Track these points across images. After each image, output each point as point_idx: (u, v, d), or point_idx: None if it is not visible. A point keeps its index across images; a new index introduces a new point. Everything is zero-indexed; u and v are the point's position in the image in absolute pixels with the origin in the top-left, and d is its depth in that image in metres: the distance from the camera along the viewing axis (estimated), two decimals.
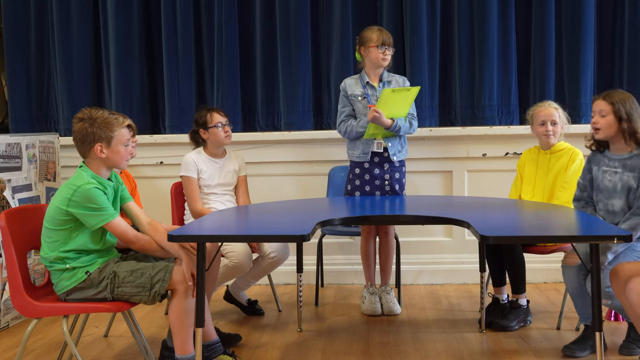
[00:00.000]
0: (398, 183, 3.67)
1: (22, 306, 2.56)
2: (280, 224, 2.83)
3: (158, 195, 4.35)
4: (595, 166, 2.98)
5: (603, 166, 2.93)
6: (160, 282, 2.55)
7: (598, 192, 2.96)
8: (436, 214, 2.86)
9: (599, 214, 2.96)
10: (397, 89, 3.48)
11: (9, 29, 4.72)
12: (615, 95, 2.85)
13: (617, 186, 2.86)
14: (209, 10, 4.56)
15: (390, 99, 3.41)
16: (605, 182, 2.91)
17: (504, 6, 4.39)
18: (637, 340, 2.95)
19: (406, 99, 3.49)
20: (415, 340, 3.26)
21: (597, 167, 2.96)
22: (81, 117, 2.63)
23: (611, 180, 2.89)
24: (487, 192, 4.19)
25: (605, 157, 2.94)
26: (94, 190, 2.55)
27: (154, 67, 4.70)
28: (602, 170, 2.94)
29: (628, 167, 2.85)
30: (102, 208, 2.57)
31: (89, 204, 2.54)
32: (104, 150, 2.62)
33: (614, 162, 2.90)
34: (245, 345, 3.23)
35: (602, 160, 2.95)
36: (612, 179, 2.88)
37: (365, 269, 3.81)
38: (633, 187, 2.82)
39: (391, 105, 3.44)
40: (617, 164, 2.88)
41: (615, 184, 2.87)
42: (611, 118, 2.82)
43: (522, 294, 3.41)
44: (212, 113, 3.57)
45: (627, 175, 2.84)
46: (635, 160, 2.84)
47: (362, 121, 3.58)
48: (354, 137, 3.63)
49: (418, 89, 3.49)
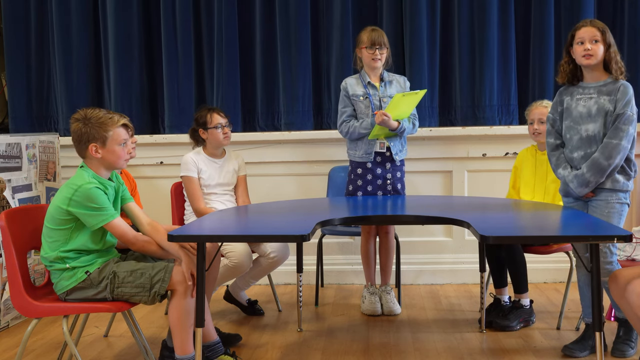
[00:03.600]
0: (400, 182, 3.68)
1: (22, 306, 2.56)
2: (280, 224, 2.83)
3: (158, 195, 4.35)
4: (567, 97, 2.95)
5: (577, 95, 2.90)
6: (160, 282, 2.55)
7: (570, 121, 2.91)
8: (436, 214, 2.85)
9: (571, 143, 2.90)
10: (407, 93, 3.50)
11: (9, 29, 4.72)
12: (599, 22, 2.85)
13: (591, 110, 2.83)
14: (209, 10, 4.56)
15: (399, 103, 3.43)
16: (579, 108, 2.87)
17: (503, 6, 4.39)
18: (628, 340, 2.93)
19: (412, 102, 3.52)
20: (415, 340, 3.27)
21: (571, 97, 2.93)
22: (77, 117, 2.63)
23: (585, 106, 2.85)
24: (487, 192, 4.19)
25: (579, 87, 2.91)
26: (94, 190, 2.55)
27: (154, 67, 4.70)
28: (575, 98, 2.91)
29: (604, 92, 2.83)
30: (102, 208, 2.57)
31: (89, 203, 2.54)
32: (99, 151, 2.61)
33: (588, 89, 2.87)
34: (245, 345, 3.23)
35: (576, 90, 2.92)
36: (587, 104, 2.85)
37: (366, 269, 3.81)
38: (610, 110, 2.80)
39: (399, 108, 3.47)
40: (592, 90, 2.85)
41: (590, 108, 2.84)
42: (601, 45, 2.81)
43: (524, 293, 3.41)
44: (212, 114, 3.57)
45: (602, 99, 2.82)
46: (610, 86, 2.83)
47: (365, 122, 3.58)
48: (356, 138, 3.63)
49: (424, 91, 3.52)
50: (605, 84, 2.85)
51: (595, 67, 2.85)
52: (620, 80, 2.83)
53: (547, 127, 3.05)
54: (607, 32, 2.82)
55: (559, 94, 3.01)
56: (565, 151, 2.95)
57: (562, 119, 2.97)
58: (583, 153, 2.85)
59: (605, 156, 2.77)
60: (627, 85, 2.83)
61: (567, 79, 2.94)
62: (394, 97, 3.43)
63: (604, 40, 2.80)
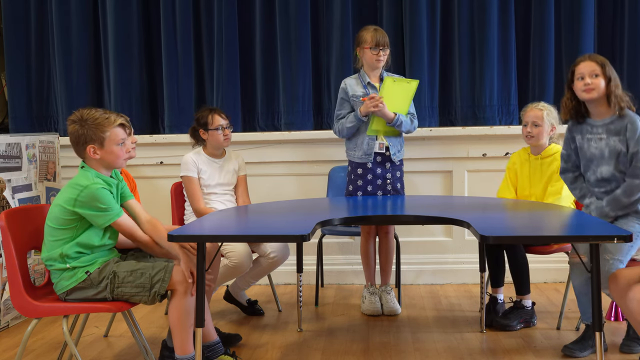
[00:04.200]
0: (399, 182, 3.68)
1: (22, 306, 2.56)
2: (280, 224, 2.83)
3: (158, 195, 4.35)
4: (578, 135, 2.94)
5: (587, 134, 2.90)
6: (160, 282, 2.55)
7: (586, 162, 2.92)
8: (436, 214, 2.86)
9: (589, 182, 2.93)
10: (397, 79, 3.52)
11: (9, 29, 4.72)
12: (598, 57, 2.84)
13: (604, 152, 2.83)
14: (209, 10, 4.56)
15: (391, 90, 3.43)
16: (591, 149, 2.88)
17: (503, 6, 4.39)
18: (637, 338, 2.95)
19: (406, 93, 3.51)
20: (415, 340, 3.26)
21: (581, 136, 2.92)
22: (73, 119, 2.62)
23: (597, 147, 2.85)
24: (487, 192, 4.18)
25: (586, 125, 2.90)
26: (101, 190, 2.55)
27: (154, 67, 4.70)
28: (586, 138, 2.90)
29: (612, 132, 2.82)
30: (109, 207, 2.57)
31: (96, 203, 2.54)
32: (97, 152, 2.60)
33: (596, 128, 2.86)
34: (245, 345, 3.23)
35: (584, 128, 2.91)
36: (598, 145, 2.85)
37: (366, 269, 3.81)
38: (622, 151, 2.79)
39: (392, 97, 3.46)
40: (601, 130, 2.84)
41: (602, 150, 2.84)
42: (602, 79, 2.80)
43: (526, 294, 3.41)
44: (213, 115, 3.57)
45: (613, 140, 2.81)
46: (617, 124, 2.82)
47: (350, 117, 3.58)
48: (346, 135, 3.63)
49: (417, 82, 3.53)
50: (612, 121, 2.83)
51: (599, 102, 2.83)
52: (625, 114, 2.81)
53: (561, 164, 3.06)
54: (607, 66, 2.81)
55: (569, 130, 3.00)
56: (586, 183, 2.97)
57: (576, 154, 2.98)
58: (603, 190, 2.89)
59: (627, 194, 2.79)
60: (634, 120, 2.80)
61: (571, 115, 2.94)
62: (384, 81, 3.43)
63: (604, 74, 2.79)
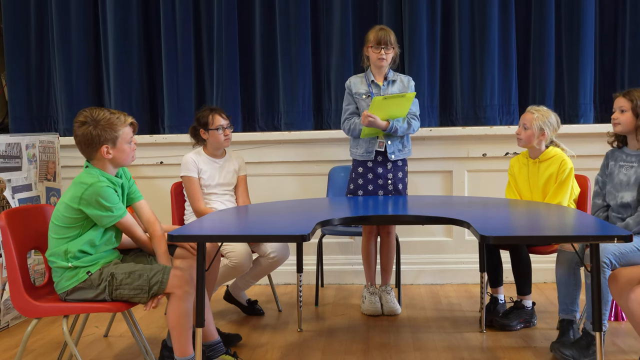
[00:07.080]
0: (401, 182, 3.67)
1: (22, 306, 2.56)
2: (280, 224, 2.83)
3: (158, 195, 4.34)
4: (612, 161, 3.08)
5: (620, 161, 3.03)
6: (158, 284, 2.55)
7: (611, 187, 3.04)
8: (436, 214, 2.85)
9: (610, 209, 3.03)
10: (389, 96, 3.47)
11: (9, 29, 4.72)
12: (636, 93, 2.96)
13: (630, 179, 2.94)
14: (209, 9, 4.56)
15: (382, 105, 3.42)
16: (620, 175, 3.00)
17: (504, 6, 4.39)
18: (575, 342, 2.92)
19: (402, 104, 3.49)
20: (415, 340, 3.26)
21: (615, 162, 3.06)
22: (83, 120, 2.60)
23: (626, 174, 2.97)
24: (487, 192, 4.19)
25: (623, 152, 3.04)
26: (105, 189, 2.56)
27: (154, 67, 4.70)
28: (619, 165, 3.03)
29: None
30: (113, 207, 2.58)
31: (100, 202, 2.54)
32: (110, 151, 2.61)
33: (630, 157, 2.99)
34: (245, 345, 3.23)
35: (620, 156, 3.04)
36: (628, 172, 2.97)
37: (366, 269, 3.81)
38: None
39: (386, 109, 3.45)
40: (634, 159, 2.97)
41: (630, 177, 2.95)
42: (629, 114, 2.93)
43: (527, 295, 3.41)
44: (214, 115, 3.57)
45: None
46: None
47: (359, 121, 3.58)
48: (357, 135, 3.64)
49: (414, 94, 3.50)
50: None
51: (633, 134, 2.97)
52: None
53: (595, 188, 3.17)
54: (637, 101, 2.92)
55: (606, 157, 3.14)
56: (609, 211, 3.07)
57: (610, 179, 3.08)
58: (620, 216, 2.98)
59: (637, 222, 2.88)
60: None
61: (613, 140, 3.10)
62: (373, 100, 3.42)
63: (632, 109, 2.92)
